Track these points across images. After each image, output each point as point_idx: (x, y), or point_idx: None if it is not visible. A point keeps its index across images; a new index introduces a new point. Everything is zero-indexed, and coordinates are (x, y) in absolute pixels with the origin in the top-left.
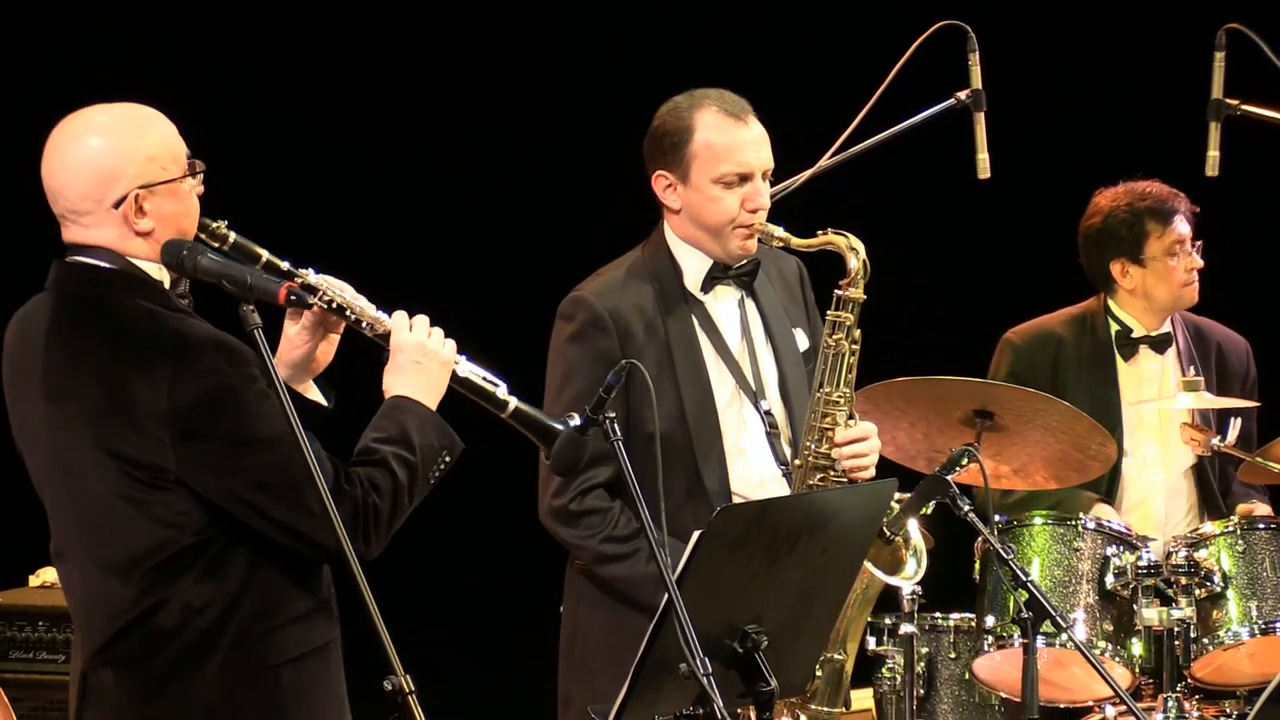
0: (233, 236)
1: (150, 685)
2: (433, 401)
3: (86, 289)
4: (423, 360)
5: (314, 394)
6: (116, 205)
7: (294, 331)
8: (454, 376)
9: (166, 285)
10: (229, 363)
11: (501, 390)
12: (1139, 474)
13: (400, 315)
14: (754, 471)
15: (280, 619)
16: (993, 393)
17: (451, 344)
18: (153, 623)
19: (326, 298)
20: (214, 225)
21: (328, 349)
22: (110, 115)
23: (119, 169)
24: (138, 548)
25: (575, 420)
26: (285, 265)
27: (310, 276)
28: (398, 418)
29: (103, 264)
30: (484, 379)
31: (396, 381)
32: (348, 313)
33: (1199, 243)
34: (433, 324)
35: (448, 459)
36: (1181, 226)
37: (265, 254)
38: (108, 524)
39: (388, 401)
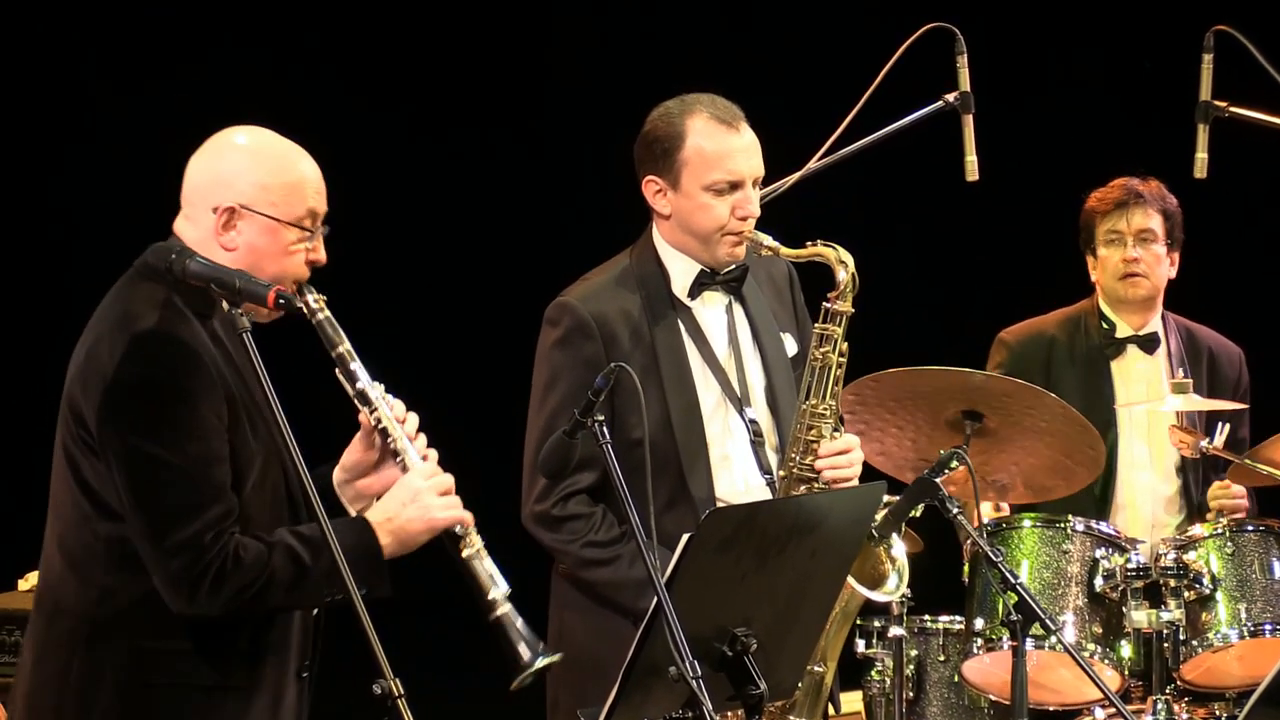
0: (323, 315)
1: (43, 656)
2: (393, 542)
3: (145, 269)
4: (409, 505)
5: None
6: (215, 211)
7: (355, 438)
8: (458, 555)
9: (227, 307)
10: (182, 370)
11: (496, 593)
12: (1128, 475)
13: (428, 465)
14: (739, 479)
15: (173, 642)
16: (982, 388)
17: (452, 516)
18: (58, 595)
19: (375, 415)
20: (311, 296)
21: (377, 476)
22: (258, 138)
23: (231, 180)
24: (71, 516)
25: (548, 658)
26: (355, 365)
27: (373, 390)
28: (338, 529)
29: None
30: (487, 574)
31: (375, 507)
32: (389, 438)
33: (1167, 245)
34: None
35: (361, 592)
36: (1131, 218)
37: (346, 345)
38: (58, 480)
39: (352, 518)
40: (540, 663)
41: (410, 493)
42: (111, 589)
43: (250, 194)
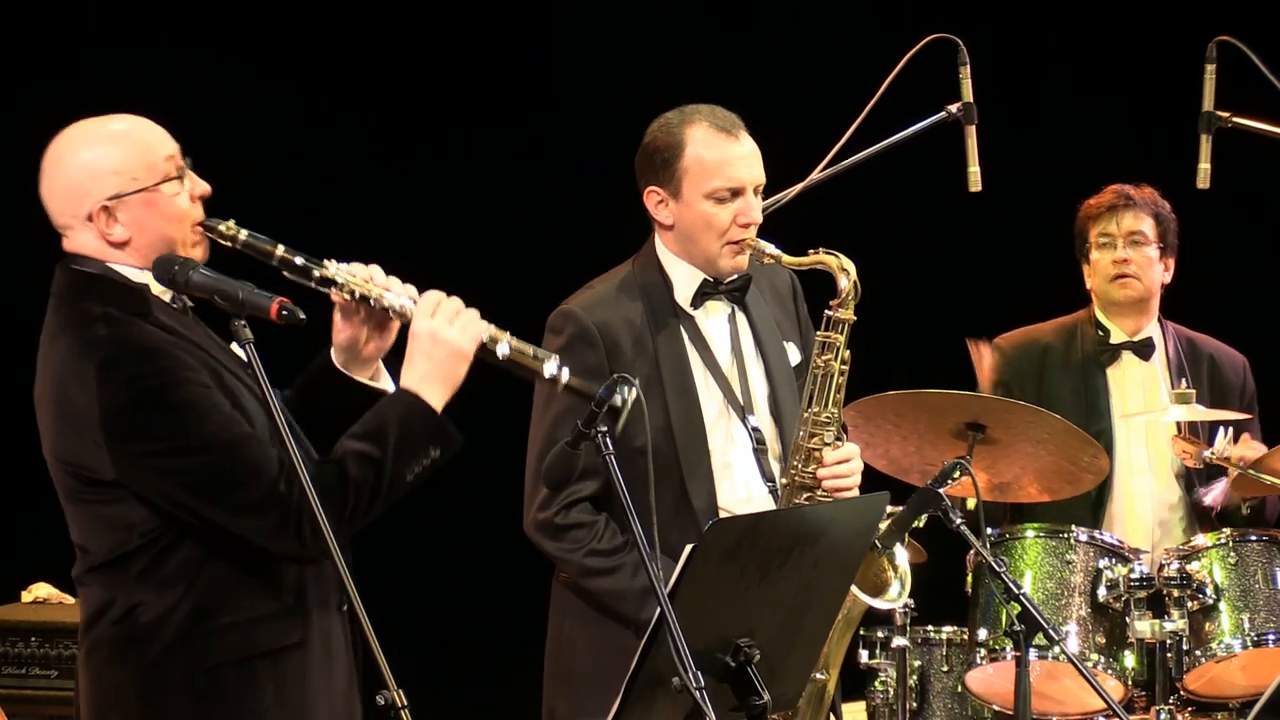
0: (243, 235)
1: (97, 679)
2: (438, 391)
3: (68, 293)
4: (432, 349)
5: (383, 380)
6: (90, 219)
7: (336, 317)
8: (496, 360)
9: (157, 291)
10: (155, 367)
11: (551, 367)
12: (1128, 481)
13: (425, 301)
14: (740, 488)
15: (225, 619)
16: (983, 406)
17: (475, 332)
18: (101, 622)
19: (347, 289)
20: (221, 226)
21: (384, 335)
22: (80, 132)
23: (84, 185)
24: (96, 552)
25: (629, 391)
26: (300, 259)
27: (329, 268)
28: (382, 411)
29: (88, 270)
30: (532, 358)
31: (405, 371)
32: (370, 301)
33: (1160, 249)
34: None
35: (436, 454)
36: (1122, 220)
37: (280, 248)
38: (78, 527)
39: (391, 393)
40: (630, 393)
41: (428, 337)
42: (152, 592)
43: (113, 184)
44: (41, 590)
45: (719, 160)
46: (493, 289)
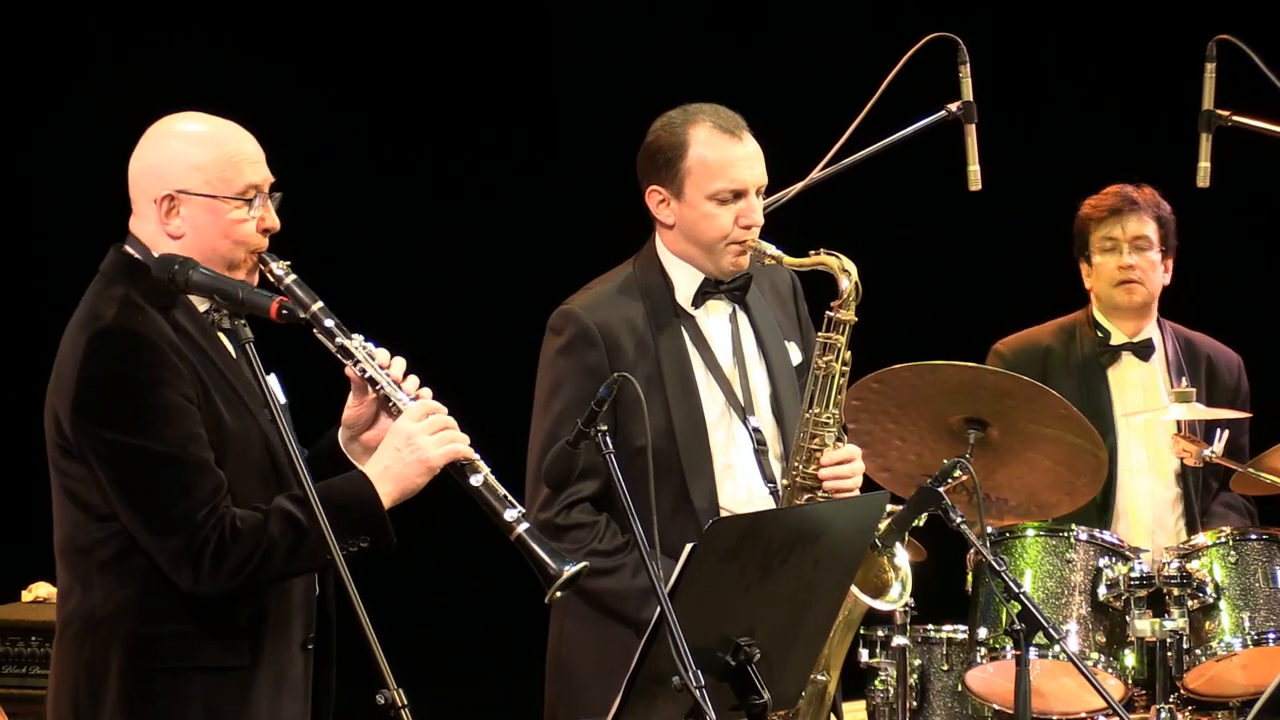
0: (289, 279)
1: (60, 661)
2: (391, 489)
3: (108, 270)
4: (402, 450)
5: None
6: (156, 203)
7: (351, 394)
8: (466, 485)
9: (229, 315)
10: (143, 361)
11: (511, 514)
12: (1128, 481)
13: (419, 405)
14: (741, 488)
15: (171, 626)
16: (985, 389)
17: (450, 451)
18: (68, 605)
19: (360, 366)
20: (274, 264)
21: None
22: (188, 121)
23: (164, 170)
24: (64, 527)
25: (576, 565)
26: (331, 322)
27: (354, 341)
28: (330, 488)
29: (134, 254)
30: (499, 497)
31: (372, 459)
32: (377, 385)
33: (1161, 252)
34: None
35: (365, 544)
36: (1126, 225)
37: (318, 304)
38: (54, 492)
39: (348, 474)
40: (569, 570)
41: (403, 437)
42: (109, 586)
43: (185, 178)
44: (41, 590)
45: (722, 161)
46: (494, 289)
